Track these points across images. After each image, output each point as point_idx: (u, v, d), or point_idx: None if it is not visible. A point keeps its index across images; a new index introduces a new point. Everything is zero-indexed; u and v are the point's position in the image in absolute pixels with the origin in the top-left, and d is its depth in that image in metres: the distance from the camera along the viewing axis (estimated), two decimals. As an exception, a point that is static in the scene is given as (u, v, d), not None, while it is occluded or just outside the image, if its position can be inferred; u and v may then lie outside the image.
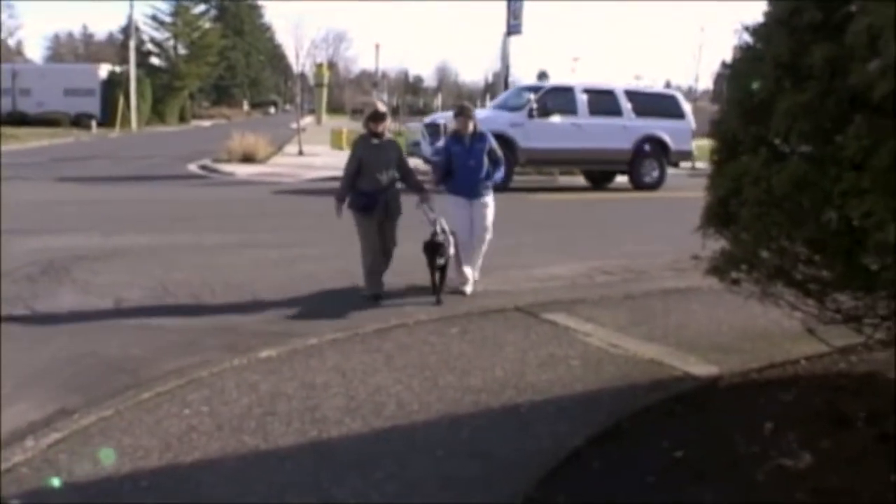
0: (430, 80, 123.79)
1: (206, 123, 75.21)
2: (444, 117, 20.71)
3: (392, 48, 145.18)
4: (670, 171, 22.30)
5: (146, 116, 60.13)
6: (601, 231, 13.73)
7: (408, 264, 8.67)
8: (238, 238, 12.03)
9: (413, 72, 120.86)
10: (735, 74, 4.86)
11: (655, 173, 21.42)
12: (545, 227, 13.28)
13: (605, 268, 10.41)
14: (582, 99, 20.43)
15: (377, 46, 39.25)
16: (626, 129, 20.71)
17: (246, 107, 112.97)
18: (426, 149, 19.76)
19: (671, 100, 22.05)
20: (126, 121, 52.47)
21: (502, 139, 19.54)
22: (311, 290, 8.79)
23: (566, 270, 10.21)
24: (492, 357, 6.11)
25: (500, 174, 8.56)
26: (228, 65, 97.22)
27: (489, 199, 8.50)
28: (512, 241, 11.13)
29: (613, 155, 20.64)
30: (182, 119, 72.31)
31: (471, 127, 8.34)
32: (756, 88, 4.50)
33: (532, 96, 20.15)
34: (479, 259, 8.70)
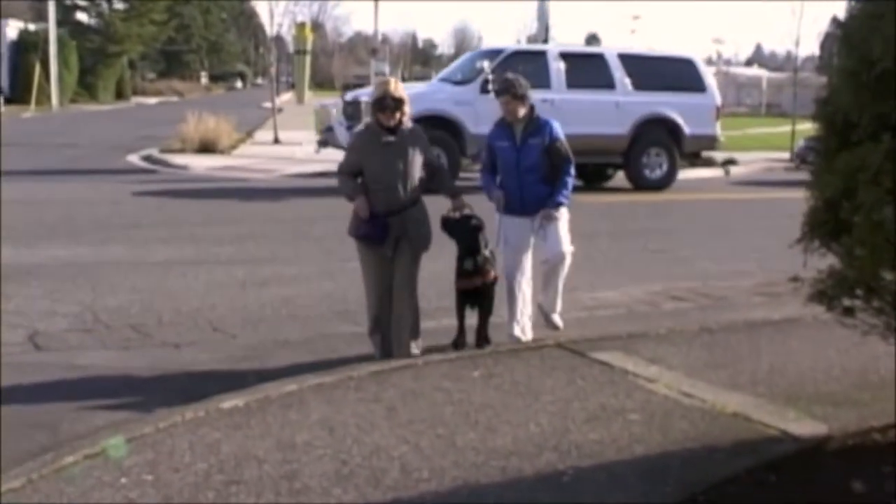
0: (445, 47, 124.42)
1: (152, 101, 75.68)
2: (370, 93, 20.52)
3: (396, 5, 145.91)
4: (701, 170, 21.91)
5: (71, 91, 60.58)
6: (663, 243, 13.78)
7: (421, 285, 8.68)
8: (193, 252, 12.10)
9: (423, 35, 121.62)
10: (848, 36, 4.85)
11: (662, 167, 20.92)
12: (586, 237, 13.25)
13: (673, 292, 10.40)
14: (557, 67, 19.87)
15: (376, 2, 39.34)
16: (621, 108, 20.20)
17: (204, 80, 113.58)
18: (341, 136, 19.32)
19: (686, 65, 21.27)
20: (44, 96, 52.85)
21: (443, 122, 19.18)
22: (289, 320, 8.82)
23: (620, 295, 10.20)
24: (525, 409, 6.10)
25: (565, 189, 7.81)
26: (180, 24, 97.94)
27: (556, 210, 7.79)
28: (548, 257, 11.18)
29: (602, 143, 19.82)
30: (120, 95, 72.84)
31: (521, 112, 7.79)
32: (877, 55, 4.49)
33: (487, 64, 19.54)
34: (554, 297, 8.01)
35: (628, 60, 20.66)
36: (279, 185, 20.96)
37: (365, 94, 20.02)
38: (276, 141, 31.44)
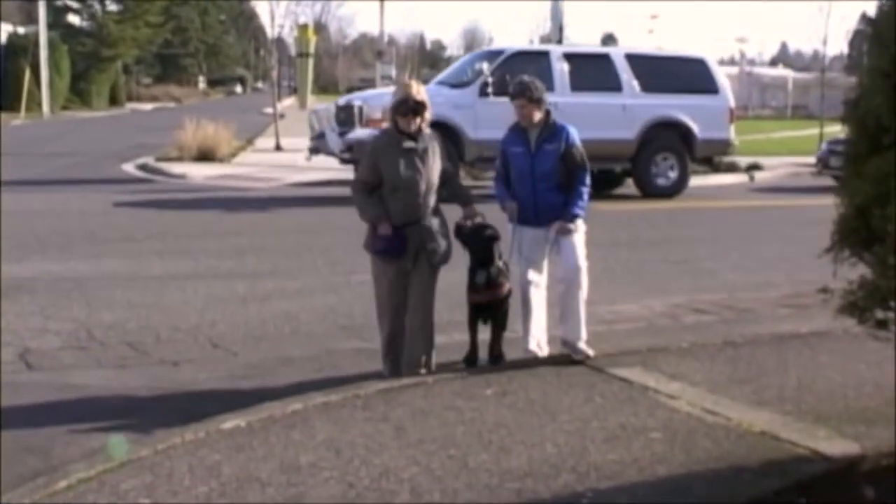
0: (454, 48, 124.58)
1: (148, 107, 76.04)
2: (365, 97, 20.36)
3: (402, 4, 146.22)
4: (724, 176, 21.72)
5: (63, 97, 60.82)
6: (685, 253, 13.77)
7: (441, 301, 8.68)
8: (191, 266, 12.12)
9: (431, 36, 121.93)
10: (880, 34, 4.84)
11: (672, 174, 20.85)
12: (604, 247, 13.29)
13: (695, 304, 10.39)
14: (561, 68, 19.82)
15: (382, 2, 39.37)
16: (629, 111, 20.18)
17: (202, 84, 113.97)
18: (333, 143, 19.39)
19: (697, 66, 21.22)
20: (34, 103, 53.02)
21: (440, 127, 19.31)
22: (292, 337, 8.83)
23: (640, 308, 10.19)
24: (541, 428, 6.10)
25: (580, 200, 7.71)
26: (177, 26, 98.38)
27: (571, 223, 7.71)
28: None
29: (609, 148, 19.60)
30: (114, 101, 73.15)
31: (537, 117, 7.75)
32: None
33: (486, 66, 19.58)
34: (577, 324, 7.74)
35: (636, 61, 20.61)
36: (281, 194, 21.00)
37: (358, 99, 20.01)
38: (278, 148, 31.52)
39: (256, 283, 11.04)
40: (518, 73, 19.60)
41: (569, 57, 20.22)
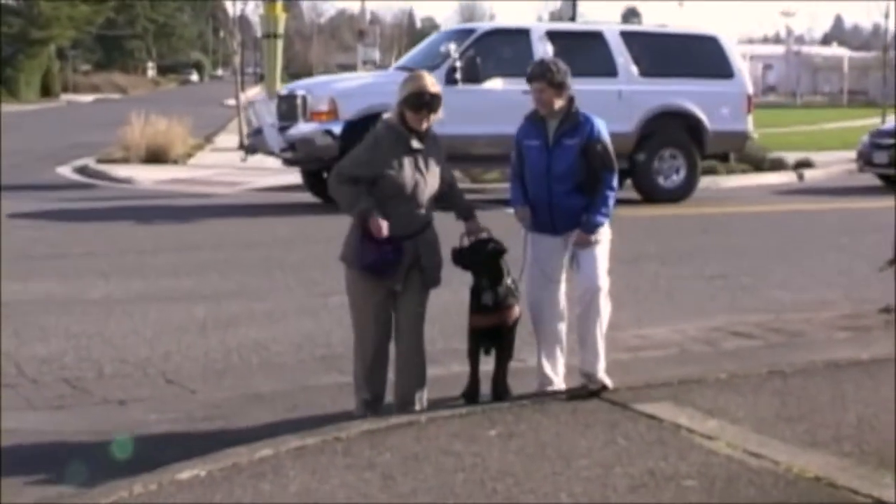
0: (448, 27, 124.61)
1: (87, 99, 75.97)
2: (309, 85, 20.49)
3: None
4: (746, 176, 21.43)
5: (-14, 88, 60.82)
6: (723, 266, 13.82)
7: (435, 328, 8.66)
8: (141, 287, 12.12)
9: (421, 13, 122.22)
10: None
11: (679, 174, 20.70)
12: (628, 261, 13.28)
13: (736, 327, 10.41)
14: (544, 50, 19.27)
15: (362, -29, 39.49)
16: (625, 100, 20.01)
17: (151, 72, 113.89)
18: (272, 139, 19.50)
19: (708, 45, 21.19)
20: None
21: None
22: (261, 370, 8.83)
23: (671, 332, 10.21)
24: (554, 476, 6.11)
25: (605, 206, 7.71)
26: (122, 4, 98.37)
27: (592, 234, 7.72)
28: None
29: None
30: (46, 92, 73.20)
31: (558, 104, 7.74)
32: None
33: (454, 47, 19.42)
34: (595, 352, 7.75)
35: (634, 40, 20.62)
36: (247, 200, 21.04)
37: (302, 88, 20.06)
38: (243, 146, 31.46)
39: (218, 306, 11.05)
40: (492, 55, 19.89)
41: (553, 36, 20.09)
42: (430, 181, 7.30)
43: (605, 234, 7.79)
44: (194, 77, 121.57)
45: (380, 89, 18.83)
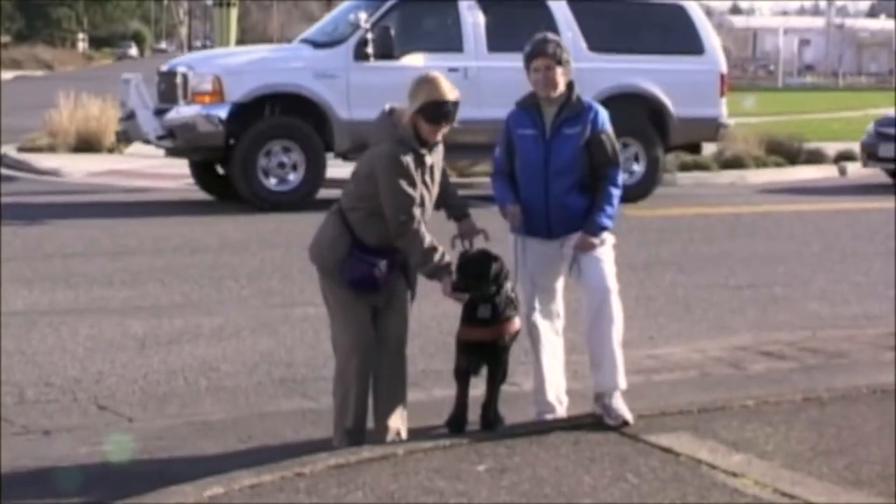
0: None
1: (6, 76, 75.85)
2: (191, 62, 20.45)
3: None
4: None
5: None
6: (750, 274, 13.91)
7: (414, 345, 8.68)
8: (69, 297, 12.10)
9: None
10: None
11: (636, 166, 20.51)
12: (640, 269, 13.41)
13: (765, 345, 10.45)
14: (473, 22, 19.53)
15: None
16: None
17: (83, 45, 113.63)
18: (147, 124, 19.34)
19: (673, 15, 20.79)
20: None
21: (298, 104, 19.06)
22: (210, 394, 8.83)
23: (690, 351, 10.24)
24: (554, 519, 6.12)
25: (609, 206, 7.81)
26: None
27: (596, 237, 7.79)
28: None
29: None
30: (-43, 68, 73.04)
31: (561, 86, 7.89)
32: None
33: (364, 17, 19.08)
34: (612, 371, 7.78)
35: (584, 9, 20.23)
36: (194, 196, 20.95)
37: (184, 64, 19.98)
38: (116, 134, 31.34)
39: (161, 320, 11.04)
40: (411, 26, 19.63)
41: (486, 5, 19.82)
42: (433, 192, 7.40)
43: (608, 238, 7.83)
44: (133, 51, 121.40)
45: (274, 66, 18.98)
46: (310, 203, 18.20)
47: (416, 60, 18.79)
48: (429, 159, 7.29)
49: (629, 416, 7.60)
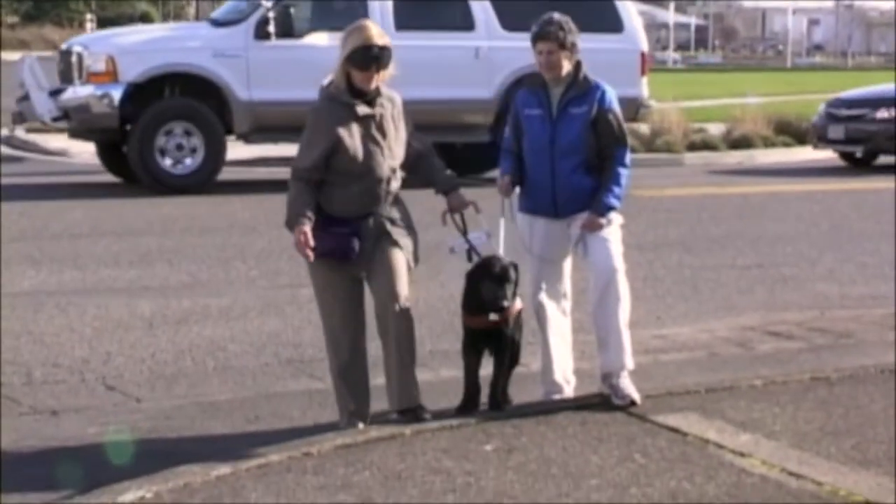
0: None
1: (14, 56, 75.57)
2: (86, 41, 20.28)
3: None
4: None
5: None
6: (759, 255, 13.91)
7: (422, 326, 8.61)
8: (77, 278, 12.10)
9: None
10: None
11: None
12: (648, 249, 13.43)
13: (771, 325, 10.47)
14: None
15: None
16: (485, 59, 19.67)
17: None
18: (42, 106, 19.22)
19: None
20: None
21: (196, 84, 18.78)
22: (217, 375, 8.84)
23: (697, 331, 10.25)
24: (560, 499, 6.11)
25: (616, 186, 7.80)
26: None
27: (603, 217, 7.77)
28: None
29: (456, 113, 19.46)
30: (-35, 49, 72.92)
31: (566, 68, 7.90)
32: None
33: None
34: (619, 352, 7.80)
35: None
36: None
37: (80, 43, 19.83)
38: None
39: (168, 301, 11.05)
40: (316, 4, 19.18)
41: None
42: (389, 151, 7.29)
43: (615, 217, 7.82)
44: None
45: (170, 45, 18.91)
46: (212, 186, 18.31)
47: (320, 39, 18.46)
48: (364, 110, 7.21)
49: (636, 396, 7.64)
